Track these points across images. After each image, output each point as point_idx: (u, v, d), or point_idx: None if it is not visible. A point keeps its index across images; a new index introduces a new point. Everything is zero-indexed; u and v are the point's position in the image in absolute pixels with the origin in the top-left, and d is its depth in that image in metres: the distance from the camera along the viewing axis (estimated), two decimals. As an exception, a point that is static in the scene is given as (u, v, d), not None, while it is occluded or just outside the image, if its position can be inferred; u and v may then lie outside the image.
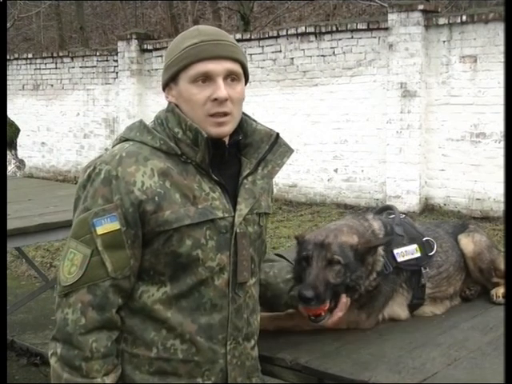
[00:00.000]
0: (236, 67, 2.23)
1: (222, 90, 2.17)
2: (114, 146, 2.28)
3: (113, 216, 2.12)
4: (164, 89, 2.30)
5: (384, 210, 3.08)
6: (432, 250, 2.91)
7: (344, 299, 2.60)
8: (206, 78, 2.18)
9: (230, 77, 2.21)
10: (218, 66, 2.18)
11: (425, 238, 2.93)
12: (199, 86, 2.18)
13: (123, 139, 2.27)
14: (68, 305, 2.13)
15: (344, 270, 2.58)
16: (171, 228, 2.15)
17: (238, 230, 2.25)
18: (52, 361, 2.16)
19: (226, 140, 2.28)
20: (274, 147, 2.36)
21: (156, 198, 2.14)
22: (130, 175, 2.14)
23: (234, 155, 2.33)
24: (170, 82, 2.26)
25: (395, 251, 2.80)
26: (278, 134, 2.37)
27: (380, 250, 2.73)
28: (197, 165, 2.22)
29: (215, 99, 2.17)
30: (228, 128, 2.23)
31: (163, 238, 2.16)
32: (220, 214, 2.22)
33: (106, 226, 2.12)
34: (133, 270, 2.17)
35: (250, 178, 2.32)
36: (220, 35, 2.24)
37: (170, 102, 2.29)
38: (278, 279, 2.68)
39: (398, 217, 2.96)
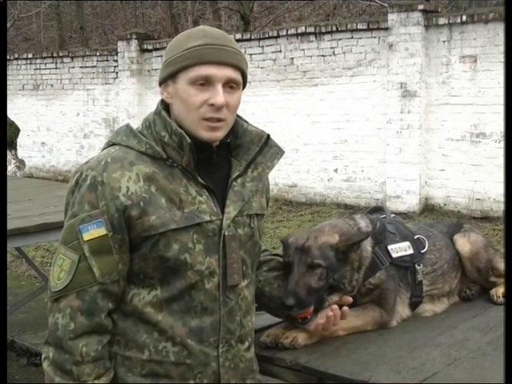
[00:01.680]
0: (236, 75, 2.21)
1: (220, 96, 2.15)
2: (102, 150, 2.27)
3: (99, 222, 2.12)
4: (160, 84, 2.28)
5: (375, 210, 3.08)
6: (424, 247, 2.92)
7: (346, 309, 2.60)
8: (206, 82, 2.16)
9: (229, 84, 2.19)
10: (219, 72, 2.16)
11: (416, 236, 2.94)
12: (198, 89, 2.16)
13: (110, 143, 2.27)
14: (58, 310, 2.15)
15: (326, 272, 2.58)
16: (157, 233, 2.14)
17: (226, 233, 2.24)
18: (45, 364, 2.18)
19: (216, 143, 2.26)
20: (265, 149, 2.34)
21: (141, 203, 2.13)
22: (115, 181, 2.13)
23: (224, 157, 2.32)
24: (167, 79, 2.24)
25: (389, 247, 2.81)
26: (268, 136, 2.35)
27: (367, 246, 2.74)
28: (183, 168, 2.21)
29: (212, 104, 2.16)
30: (220, 133, 2.22)
31: (150, 242, 2.16)
32: (207, 218, 2.21)
33: (93, 231, 2.12)
34: (121, 275, 2.17)
35: (239, 181, 2.30)
36: (226, 40, 2.22)
37: (158, 105, 2.28)
38: (281, 293, 2.64)
39: (389, 216, 2.97)
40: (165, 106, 2.27)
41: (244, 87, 2.30)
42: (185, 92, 2.18)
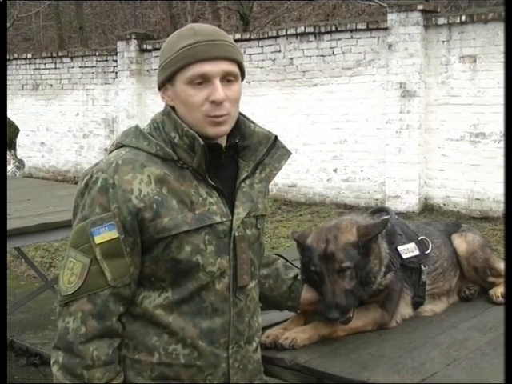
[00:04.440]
0: (232, 67, 2.21)
1: (219, 91, 2.15)
2: (110, 152, 2.27)
3: (111, 225, 2.11)
4: (160, 89, 2.28)
5: (378, 211, 3.07)
6: (427, 248, 2.92)
7: None
8: (203, 80, 2.16)
9: (227, 78, 2.19)
10: (214, 68, 2.16)
11: (420, 237, 2.94)
12: (196, 88, 2.16)
13: (119, 145, 2.26)
14: (69, 314, 2.13)
15: (355, 271, 2.60)
16: (170, 235, 2.14)
17: (236, 234, 2.25)
18: (54, 369, 2.15)
19: (223, 143, 2.27)
20: (272, 150, 2.35)
21: (154, 206, 2.13)
22: (127, 183, 2.13)
23: (231, 157, 2.32)
24: (166, 83, 2.24)
25: (399, 248, 2.81)
26: (276, 137, 2.36)
27: (384, 246, 2.75)
28: (193, 170, 2.20)
29: (213, 101, 2.15)
30: (226, 127, 2.22)
31: (162, 244, 2.16)
32: (218, 219, 2.21)
33: (104, 234, 2.11)
34: (133, 278, 2.16)
35: (247, 182, 2.31)
36: (216, 35, 2.21)
37: (166, 105, 2.27)
38: (274, 292, 2.69)
39: (393, 217, 2.97)
40: (172, 107, 2.26)
41: (243, 78, 2.30)
42: (184, 93, 2.18)
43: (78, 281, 2.12)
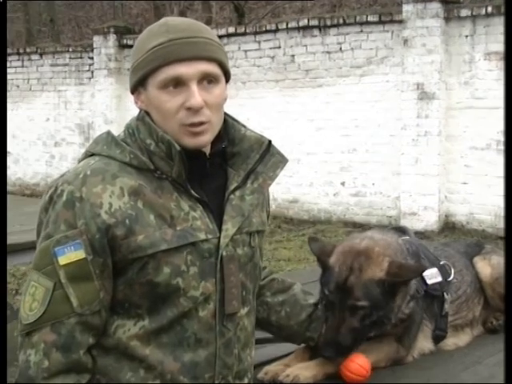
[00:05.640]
0: (212, 68, 2.20)
1: (196, 97, 2.14)
2: (79, 162, 2.27)
3: (77, 243, 2.10)
4: (133, 92, 2.28)
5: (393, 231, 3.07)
6: (449, 275, 2.93)
7: None
8: (178, 83, 2.15)
9: (206, 79, 2.18)
10: (190, 69, 2.15)
11: (441, 262, 2.94)
12: (170, 93, 2.16)
13: (89, 154, 2.26)
14: (30, 345, 2.12)
15: (370, 310, 2.60)
16: (145, 254, 2.14)
17: (224, 253, 2.24)
18: None
19: (207, 150, 2.27)
20: (266, 157, 2.34)
21: (126, 221, 2.13)
22: (96, 196, 2.12)
23: (218, 166, 2.32)
24: (138, 86, 2.24)
25: (424, 273, 2.81)
26: (270, 142, 2.36)
27: None
28: (173, 180, 2.20)
29: (189, 108, 2.15)
30: (206, 138, 2.22)
31: (137, 265, 2.15)
32: (202, 236, 2.21)
33: (70, 254, 2.10)
34: (103, 304, 2.15)
35: (237, 193, 2.31)
36: (193, 30, 2.20)
37: (140, 109, 2.27)
38: (291, 321, 2.70)
39: (413, 238, 2.97)
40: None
41: (228, 80, 2.30)
42: (157, 99, 2.18)
43: (40, 308, 2.11)
